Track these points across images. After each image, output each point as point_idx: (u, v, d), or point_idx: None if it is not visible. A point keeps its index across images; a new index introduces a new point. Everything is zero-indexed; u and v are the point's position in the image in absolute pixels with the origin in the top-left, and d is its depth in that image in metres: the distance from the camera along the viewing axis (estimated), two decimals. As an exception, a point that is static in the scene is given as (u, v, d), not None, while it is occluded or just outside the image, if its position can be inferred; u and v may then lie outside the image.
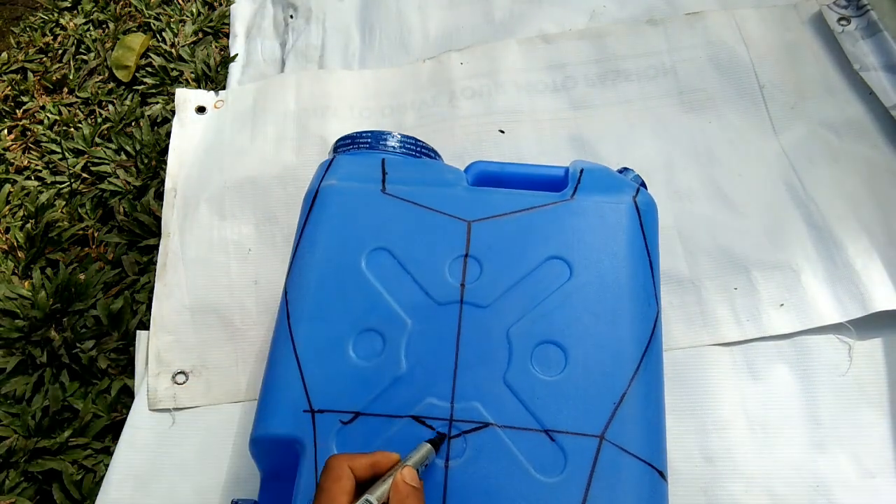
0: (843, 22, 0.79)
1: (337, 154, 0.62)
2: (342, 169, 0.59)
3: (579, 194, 0.55)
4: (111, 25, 1.01)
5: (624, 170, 0.60)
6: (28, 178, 0.88)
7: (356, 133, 0.62)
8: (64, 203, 0.85)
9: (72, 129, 0.91)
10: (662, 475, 0.46)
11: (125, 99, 0.93)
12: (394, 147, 0.61)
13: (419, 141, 0.63)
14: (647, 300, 0.51)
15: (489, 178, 0.59)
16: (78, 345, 0.72)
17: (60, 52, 1.00)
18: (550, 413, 0.46)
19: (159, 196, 0.81)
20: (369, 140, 0.62)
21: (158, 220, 0.79)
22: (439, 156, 0.65)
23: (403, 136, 0.62)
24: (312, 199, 0.57)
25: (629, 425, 0.46)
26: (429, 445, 0.44)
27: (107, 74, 0.96)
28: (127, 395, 0.69)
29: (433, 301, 0.51)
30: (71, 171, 0.86)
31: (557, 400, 0.47)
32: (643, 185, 0.59)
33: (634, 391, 0.47)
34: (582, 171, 0.57)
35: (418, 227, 0.54)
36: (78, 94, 0.94)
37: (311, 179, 0.60)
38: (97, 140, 0.89)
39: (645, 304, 0.50)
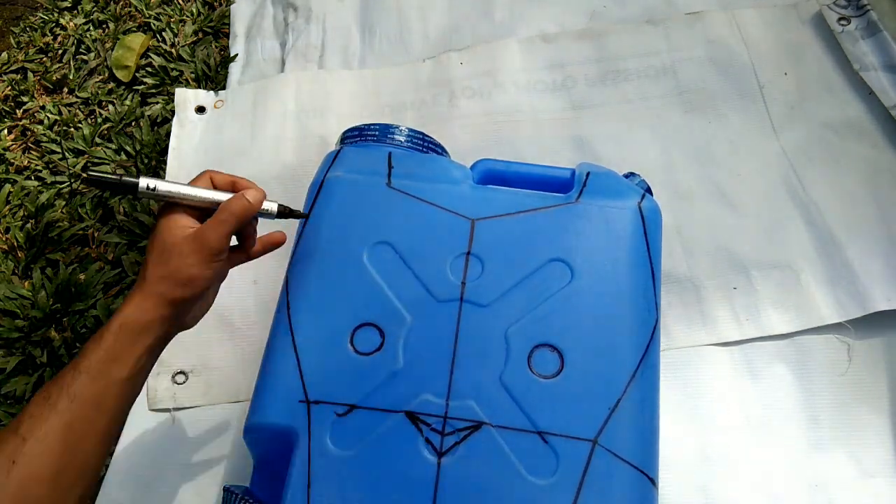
0: (843, 22, 0.79)
1: (344, 145, 0.62)
2: (348, 161, 0.59)
3: (584, 197, 0.55)
4: (111, 25, 1.01)
5: (630, 174, 0.60)
6: (28, 178, 0.88)
7: (364, 125, 0.62)
8: (64, 203, 0.85)
9: (72, 129, 0.91)
10: (653, 482, 0.46)
11: (125, 99, 0.93)
12: (401, 141, 0.61)
13: (427, 136, 0.63)
14: (647, 307, 0.51)
15: (495, 176, 0.59)
16: (78, 345, 0.72)
17: (60, 52, 1.00)
18: (545, 415, 0.46)
19: (159, 196, 0.81)
20: (377, 133, 0.61)
21: (158, 219, 0.79)
22: (446, 152, 0.65)
23: (411, 130, 0.62)
24: (317, 190, 0.57)
25: (623, 431, 0.46)
26: (277, 206, 0.50)
27: (107, 74, 0.96)
28: (127, 395, 0.69)
29: (433, 298, 0.51)
30: (71, 171, 0.87)
31: (552, 402, 0.47)
32: (648, 190, 0.59)
33: (630, 397, 0.47)
34: (588, 174, 0.57)
35: (422, 222, 0.54)
36: (78, 94, 0.94)
37: (317, 169, 0.60)
38: (97, 140, 0.89)
39: (644, 311, 0.50)
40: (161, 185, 0.44)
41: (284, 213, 0.51)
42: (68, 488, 0.38)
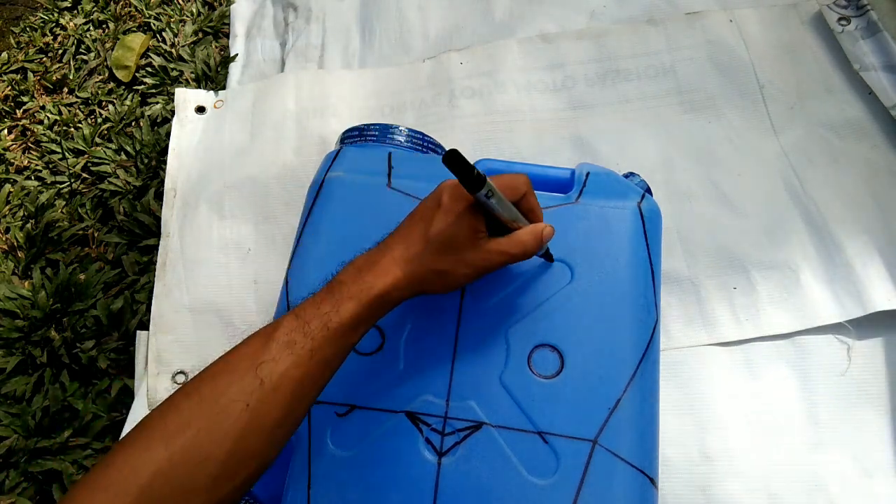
0: (843, 22, 0.79)
1: (344, 145, 0.62)
2: (348, 161, 0.59)
3: (584, 197, 0.55)
4: (111, 25, 1.01)
5: (630, 174, 0.60)
6: (28, 178, 0.88)
7: (364, 125, 0.62)
8: (64, 203, 0.85)
9: (72, 129, 0.91)
10: (653, 482, 0.46)
11: (125, 99, 0.93)
12: (401, 141, 0.61)
13: (427, 136, 0.63)
14: (647, 307, 0.51)
15: None
16: (78, 345, 0.72)
17: (60, 52, 1.00)
18: (545, 415, 0.46)
19: (159, 196, 0.81)
20: (377, 133, 0.61)
21: (158, 220, 0.79)
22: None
23: (411, 130, 0.62)
24: (317, 190, 0.57)
25: (623, 431, 0.46)
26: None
27: (107, 74, 0.96)
28: (127, 395, 0.69)
29: (434, 298, 0.51)
30: (71, 171, 0.87)
31: (552, 402, 0.47)
32: (648, 190, 0.59)
33: (630, 397, 0.47)
34: (588, 174, 0.57)
35: None
36: (78, 94, 0.94)
37: (317, 169, 0.60)
38: (97, 140, 0.89)
39: (644, 311, 0.50)
40: (496, 195, 0.41)
41: (545, 254, 0.51)
42: (280, 440, 0.38)
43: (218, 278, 0.73)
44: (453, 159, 0.39)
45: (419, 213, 0.44)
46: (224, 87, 0.91)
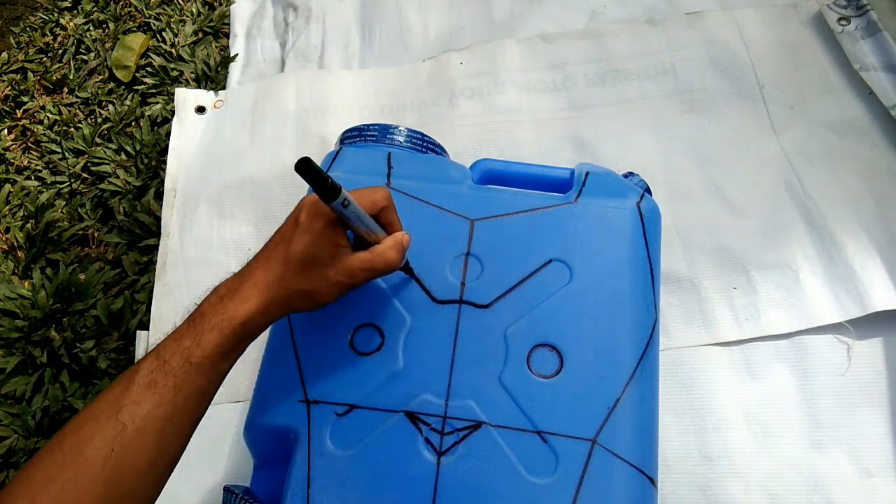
0: (843, 22, 0.79)
1: (343, 145, 0.62)
2: (348, 161, 0.59)
3: (583, 197, 0.55)
4: (111, 25, 1.01)
5: (629, 174, 0.60)
6: (28, 178, 0.88)
7: (363, 125, 0.62)
8: (64, 203, 0.85)
9: (72, 129, 0.91)
10: (653, 481, 0.46)
11: (125, 99, 0.93)
12: (400, 141, 0.61)
13: (426, 136, 0.63)
14: (646, 306, 0.51)
15: (494, 176, 0.59)
16: (78, 345, 0.72)
17: (60, 52, 1.00)
18: (544, 415, 0.46)
19: (159, 196, 0.81)
20: (376, 133, 0.62)
21: (158, 220, 0.79)
22: (445, 152, 0.65)
23: (410, 130, 0.62)
24: None
25: (622, 430, 0.46)
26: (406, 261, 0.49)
27: (107, 74, 0.96)
28: (127, 395, 0.69)
29: (433, 298, 0.51)
30: (71, 171, 0.87)
31: (552, 402, 0.47)
32: (648, 190, 0.59)
33: (629, 397, 0.47)
34: (587, 174, 0.57)
35: (421, 223, 0.54)
36: (78, 94, 0.94)
37: None
38: (97, 140, 0.89)
39: (644, 311, 0.50)
40: (353, 206, 0.41)
41: (405, 267, 0.51)
42: (156, 478, 0.38)
43: (218, 278, 0.73)
44: (306, 167, 0.37)
45: (279, 234, 0.43)
46: (224, 87, 0.91)
